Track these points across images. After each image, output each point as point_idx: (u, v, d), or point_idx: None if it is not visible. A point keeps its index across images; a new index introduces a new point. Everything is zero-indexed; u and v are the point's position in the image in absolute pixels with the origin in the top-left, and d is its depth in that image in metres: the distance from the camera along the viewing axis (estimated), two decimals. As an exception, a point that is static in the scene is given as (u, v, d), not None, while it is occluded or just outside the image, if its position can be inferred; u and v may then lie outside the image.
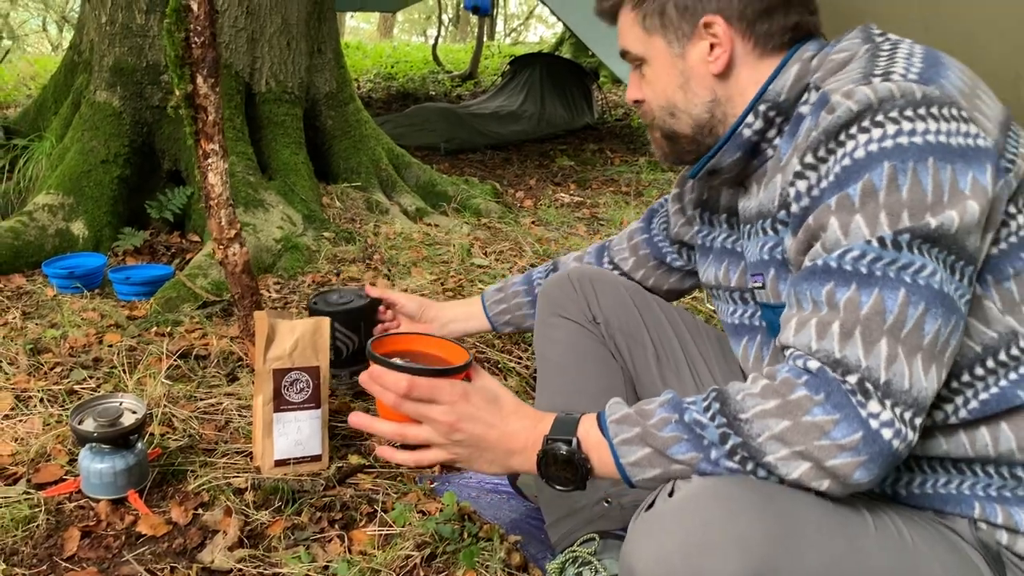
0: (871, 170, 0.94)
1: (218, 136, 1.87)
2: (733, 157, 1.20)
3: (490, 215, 4.49)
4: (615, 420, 1.03)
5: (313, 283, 3.17)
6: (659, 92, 1.23)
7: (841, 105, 0.97)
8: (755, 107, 1.15)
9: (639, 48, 1.22)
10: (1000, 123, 1.00)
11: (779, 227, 1.15)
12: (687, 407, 0.99)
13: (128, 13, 3.67)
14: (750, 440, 0.93)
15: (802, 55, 1.14)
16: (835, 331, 0.92)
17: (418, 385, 1.08)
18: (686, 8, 1.16)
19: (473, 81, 11.72)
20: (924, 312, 0.91)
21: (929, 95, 0.95)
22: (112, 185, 3.48)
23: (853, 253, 0.93)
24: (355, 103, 4.48)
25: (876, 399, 0.89)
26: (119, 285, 2.95)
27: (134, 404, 1.76)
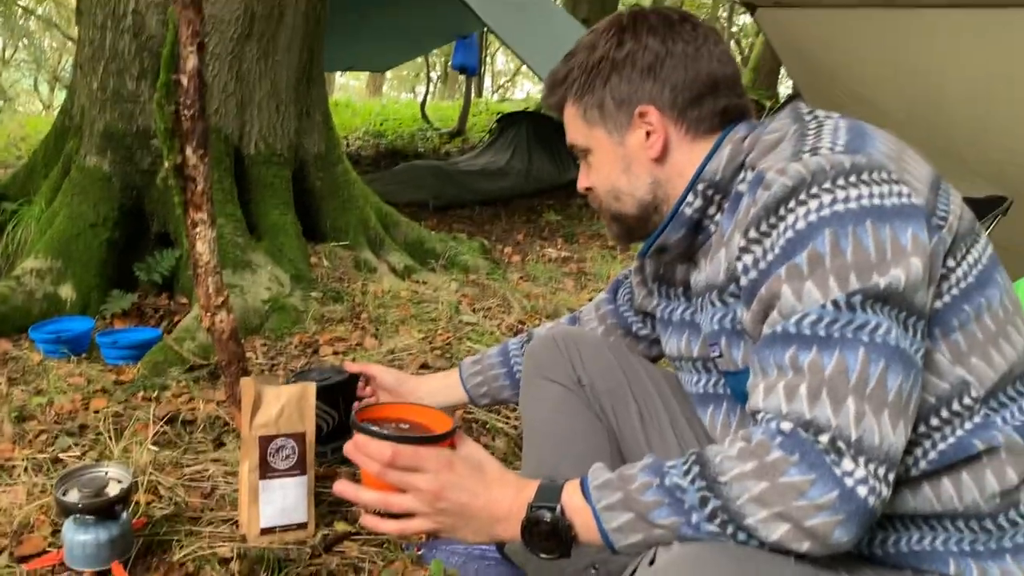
0: (814, 239, 0.99)
1: (207, 205, 1.90)
2: (678, 234, 1.27)
3: (478, 271, 4.52)
4: (597, 485, 1.04)
5: (300, 343, 3.18)
6: (604, 178, 1.31)
7: (776, 181, 1.03)
8: (694, 187, 1.23)
9: (583, 140, 1.32)
10: (930, 183, 1.06)
11: (728, 299, 1.20)
12: (667, 471, 1.00)
13: (119, 79, 3.72)
14: (729, 503, 0.94)
15: (734, 136, 1.22)
16: (803, 393, 0.95)
17: (402, 453, 1.09)
18: (622, 100, 1.25)
19: (461, 138, 11.86)
20: (885, 369, 0.94)
21: (857, 163, 1.01)
22: (101, 249, 3.50)
23: (810, 317, 0.97)
24: (343, 164, 4.54)
25: (849, 457, 0.91)
26: (106, 349, 2.95)
27: (120, 473, 1.75)
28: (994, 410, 1.06)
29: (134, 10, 3.69)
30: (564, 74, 1.32)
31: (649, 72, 1.24)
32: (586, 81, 1.28)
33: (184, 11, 1.82)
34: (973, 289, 1.06)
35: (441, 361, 3.03)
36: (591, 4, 12.18)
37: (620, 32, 1.27)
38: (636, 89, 1.25)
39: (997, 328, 1.07)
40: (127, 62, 3.72)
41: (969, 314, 1.05)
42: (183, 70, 1.83)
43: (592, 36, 1.30)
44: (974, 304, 1.06)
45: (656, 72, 1.24)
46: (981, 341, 1.06)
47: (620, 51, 1.25)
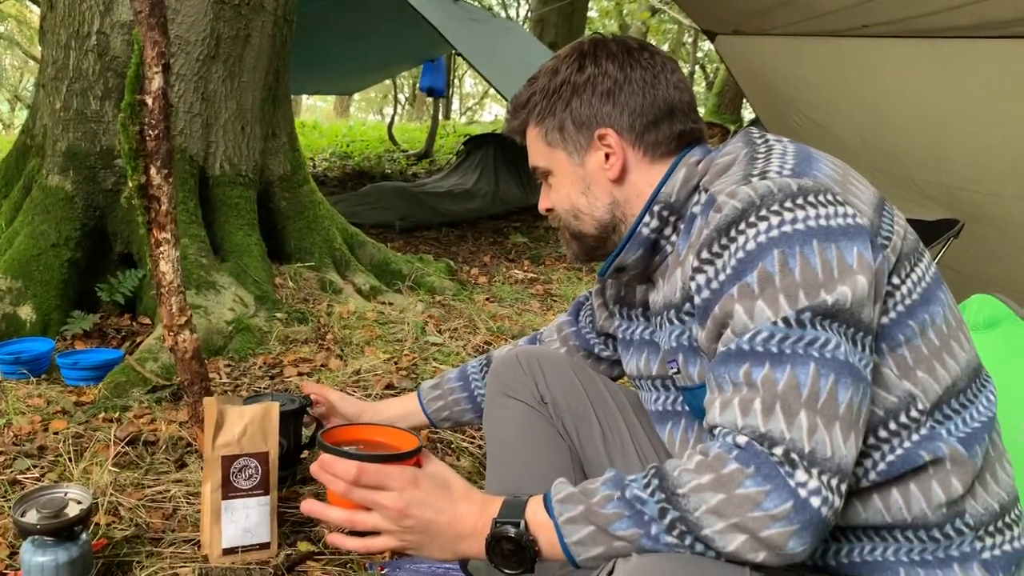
0: (763, 259, 1.03)
1: (171, 225, 1.91)
2: (636, 254, 1.31)
3: (444, 293, 4.54)
4: (560, 499, 1.06)
5: (264, 364, 3.17)
6: (564, 198, 1.36)
7: (727, 204, 1.07)
8: (650, 207, 1.28)
9: (544, 162, 1.36)
10: (874, 205, 1.11)
11: (684, 317, 1.24)
12: (628, 483, 1.02)
13: (83, 99, 3.71)
14: (688, 514, 0.96)
15: (688, 160, 1.28)
16: (757, 408, 0.97)
17: (367, 472, 1.10)
18: (582, 123, 1.30)
19: (429, 160, 11.90)
20: (835, 383, 0.97)
21: (804, 186, 1.06)
22: (62, 269, 3.47)
23: (762, 335, 1.00)
24: (309, 185, 4.54)
25: (802, 468, 0.93)
26: (67, 370, 2.91)
27: (79, 494, 1.74)
28: (939, 422, 1.10)
29: (99, 30, 3.69)
30: (527, 98, 1.35)
31: (608, 96, 1.29)
32: (548, 104, 1.32)
33: (149, 32, 1.83)
34: (918, 305, 1.10)
35: (406, 382, 3.04)
36: (558, 28, 12.34)
37: (581, 58, 1.31)
38: (596, 112, 1.29)
39: (941, 343, 1.11)
40: (91, 82, 3.71)
41: (914, 329, 1.09)
42: (148, 91, 1.84)
43: (554, 62, 1.35)
44: (919, 320, 1.10)
45: (615, 97, 1.28)
46: (926, 355, 1.10)
47: (581, 75, 1.30)
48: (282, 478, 2.06)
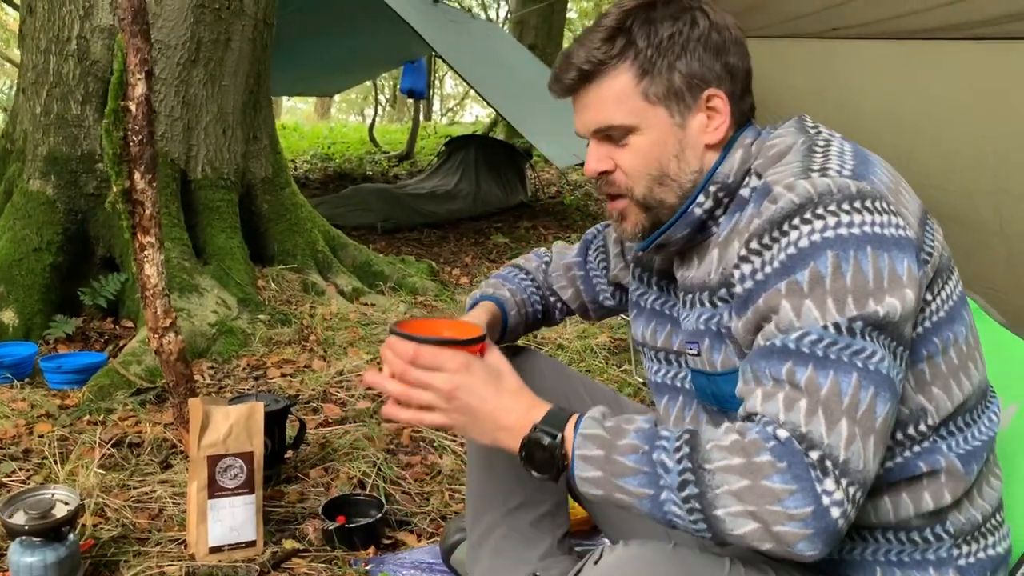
0: (816, 259, 1.00)
1: (155, 229, 1.93)
2: (683, 233, 1.24)
3: (426, 293, 4.57)
4: (585, 434, 1.05)
5: (248, 366, 3.19)
6: (651, 161, 1.21)
7: (783, 196, 1.04)
8: (705, 187, 1.20)
9: (631, 118, 1.20)
10: (919, 218, 1.09)
11: (718, 302, 1.20)
12: (658, 443, 1.01)
13: (63, 104, 3.72)
14: (707, 490, 0.95)
15: (743, 140, 1.21)
16: (802, 406, 0.96)
17: (423, 353, 1.14)
18: (692, 80, 1.18)
19: (410, 161, 11.90)
20: (874, 395, 0.96)
21: (862, 190, 1.03)
22: (44, 273, 3.48)
23: (810, 336, 0.98)
24: (291, 187, 4.56)
25: (833, 477, 0.92)
26: (50, 374, 2.93)
27: (66, 495, 1.76)
28: (942, 437, 1.11)
29: (79, 35, 3.70)
30: (621, 46, 1.19)
31: (718, 55, 1.19)
32: (654, 55, 1.17)
33: (132, 39, 1.86)
34: (944, 323, 1.10)
35: (389, 381, 3.06)
36: (537, 30, 12.38)
37: (687, 9, 1.19)
38: (707, 70, 1.18)
39: (960, 362, 1.11)
40: (71, 86, 3.72)
41: (937, 346, 1.09)
42: (131, 97, 1.87)
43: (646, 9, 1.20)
44: (943, 337, 1.09)
45: (723, 56, 1.19)
46: (944, 373, 1.10)
47: (694, 29, 1.18)
48: (267, 477, 2.09)
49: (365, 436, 2.52)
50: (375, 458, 2.34)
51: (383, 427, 2.62)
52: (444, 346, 1.17)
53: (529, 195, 9.03)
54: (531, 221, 7.84)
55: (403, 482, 2.28)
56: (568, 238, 6.96)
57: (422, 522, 2.08)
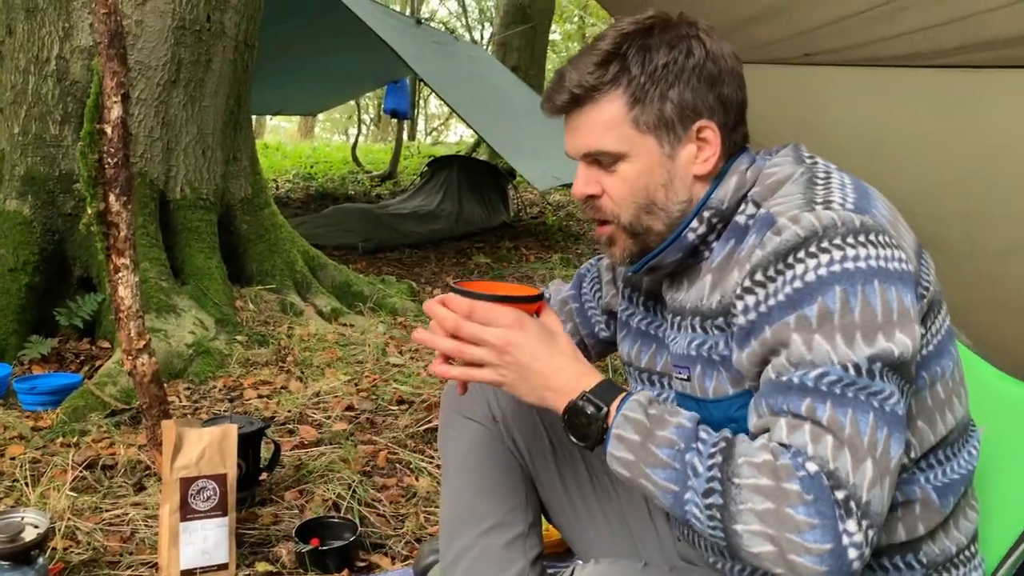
0: (823, 294, 1.00)
1: (129, 251, 1.93)
2: (675, 257, 1.24)
3: (406, 313, 4.57)
4: (627, 416, 1.07)
5: (224, 387, 3.18)
6: (638, 189, 1.21)
7: (788, 229, 1.04)
8: (699, 213, 1.20)
9: (620, 146, 1.19)
10: (915, 251, 1.10)
11: (712, 329, 1.19)
12: (695, 445, 1.02)
13: (42, 124, 3.71)
14: (731, 503, 0.96)
15: (739, 167, 1.20)
16: (829, 442, 0.96)
17: (478, 308, 1.14)
18: (683, 111, 1.17)
19: (392, 181, 11.93)
20: (888, 436, 0.97)
21: (866, 223, 1.03)
22: (20, 293, 3.46)
23: (829, 377, 0.98)
24: (270, 208, 4.57)
25: (855, 519, 0.93)
26: (24, 395, 2.91)
27: (36, 518, 1.75)
28: (921, 470, 1.12)
29: (58, 55, 3.70)
30: (614, 72, 1.17)
31: (712, 86, 1.17)
32: (647, 84, 1.16)
33: (108, 63, 1.87)
34: (932, 357, 1.10)
35: (367, 403, 3.07)
36: (520, 52, 12.48)
37: (684, 37, 1.18)
38: (700, 101, 1.17)
39: (945, 396, 1.12)
40: (50, 106, 3.72)
41: (926, 380, 1.09)
42: (107, 120, 1.87)
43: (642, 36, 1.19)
44: (931, 371, 1.10)
45: (718, 87, 1.18)
46: (929, 407, 1.11)
47: (689, 59, 1.16)
48: (241, 499, 2.08)
49: (341, 458, 2.52)
50: (350, 480, 2.34)
51: (359, 449, 2.61)
52: (500, 303, 1.17)
53: (511, 215, 9.07)
54: (513, 241, 7.87)
55: (378, 504, 2.27)
56: (550, 259, 6.99)
57: (396, 545, 2.08)
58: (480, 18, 23.52)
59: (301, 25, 7.38)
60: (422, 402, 3.09)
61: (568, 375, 1.13)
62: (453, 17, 23.78)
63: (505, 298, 1.20)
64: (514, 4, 12.50)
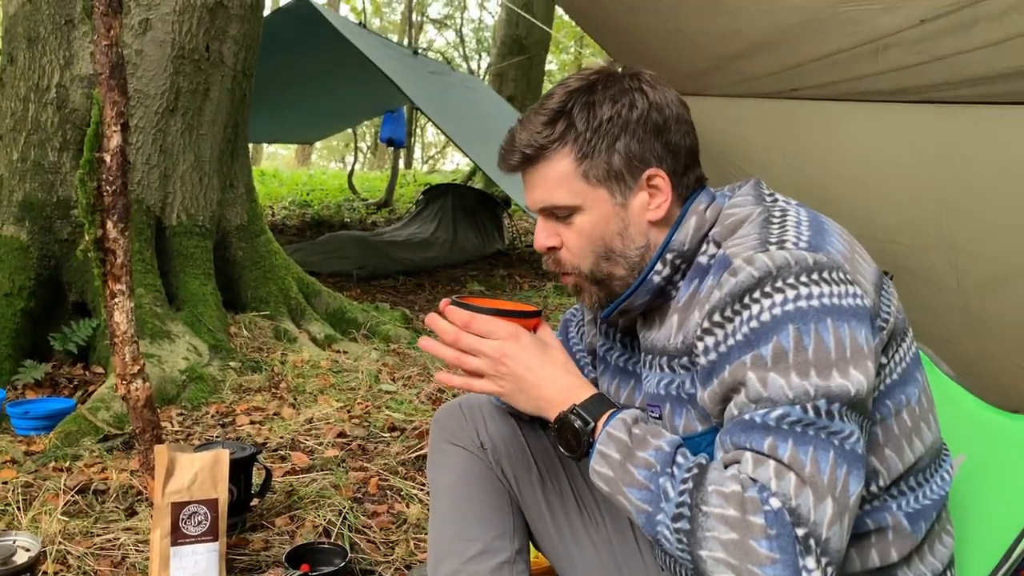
0: (778, 333, 1.03)
1: (125, 277, 1.96)
2: (643, 299, 1.27)
3: (399, 341, 4.59)
4: (611, 434, 1.11)
5: (217, 413, 3.20)
6: (595, 239, 1.25)
7: (743, 270, 1.07)
8: (663, 255, 1.23)
9: (573, 199, 1.24)
10: (875, 284, 1.12)
11: (678, 368, 1.23)
12: (669, 471, 1.05)
13: (40, 150, 3.75)
14: (697, 530, 0.99)
15: (697, 207, 1.24)
16: (791, 479, 0.98)
17: (477, 320, 1.21)
18: (631, 161, 1.21)
19: (388, 209, 12.00)
20: (847, 474, 0.99)
21: (819, 261, 1.06)
22: (15, 318, 3.47)
23: (790, 417, 1.00)
24: (266, 235, 4.60)
25: (814, 556, 0.95)
26: (17, 420, 2.92)
27: (28, 542, 1.76)
28: (893, 497, 1.14)
29: (58, 83, 3.75)
30: (561, 129, 1.22)
31: (658, 135, 1.21)
32: (593, 138, 1.21)
33: (109, 92, 1.91)
34: (896, 386, 1.13)
35: (359, 430, 3.08)
36: (516, 82, 12.62)
37: (626, 91, 1.22)
38: (647, 151, 1.21)
39: (912, 424, 1.15)
40: (49, 134, 3.76)
41: (890, 408, 1.12)
42: (106, 148, 1.91)
43: (586, 92, 1.23)
44: (896, 400, 1.12)
45: (664, 135, 1.21)
46: (896, 435, 1.13)
47: (632, 112, 1.20)
48: (232, 525, 2.09)
49: (332, 484, 2.53)
50: (341, 506, 2.35)
51: (350, 476, 2.63)
52: (498, 316, 1.23)
53: (506, 243, 9.13)
54: (507, 269, 7.91)
55: (368, 531, 2.28)
56: (543, 287, 7.03)
57: (386, 571, 2.09)
58: (477, 48, 23.77)
59: (299, 55, 7.47)
60: (414, 429, 3.11)
61: (560, 387, 1.18)
62: (450, 47, 24.02)
63: (504, 312, 1.25)
64: (510, 35, 12.67)
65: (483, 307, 1.24)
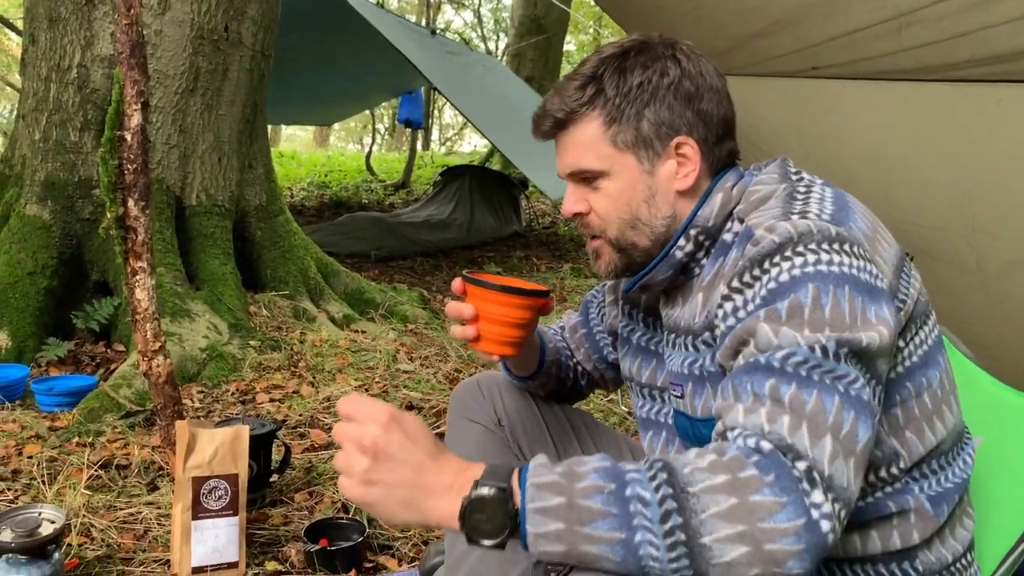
0: (796, 290, 1.01)
1: (146, 255, 1.98)
2: (665, 275, 1.27)
3: (417, 321, 4.61)
4: (538, 483, 0.92)
5: (237, 391, 3.23)
6: (621, 205, 1.25)
7: (765, 238, 1.06)
8: (686, 231, 1.23)
9: (601, 164, 1.24)
10: (895, 266, 1.11)
11: (700, 346, 1.22)
12: (630, 479, 0.91)
13: (62, 130, 3.78)
14: (693, 516, 0.87)
15: (724, 184, 1.23)
16: (785, 420, 0.93)
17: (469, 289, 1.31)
18: (660, 128, 1.21)
19: (406, 190, 12.01)
20: (855, 419, 0.94)
21: (841, 234, 1.05)
22: (38, 296, 3.52)
23: (795, 357, 0.97)
24: (284, 215, 4.63)
25: (820, 490, 0.89)
26: (41, 396, 2.96)
27: (53, 514, 1.80)
28: (915, 479, 1.13)
29: (79, 64, 3.78)
30: (591, 94, 1.23)
31: (689, 103, 1.21)
32: (623, 103, 1.21)
33: (129, 72, 1.92)
34: (917, 368, 1.11)
35: (376, 408, 3.10)
36: (534, 63, 12.56)
37: (659, 58, 1.22)
38: (677, 118, 1.21)
39: (934, 406, 1.13)
40: (71, 113, 3.79)
41: (910, 391, 1.11)
42: (128, 127, 1.93)
43: (619, 59, 1.24)
44: (916, 382, 1.11)
45: (695, 103, 1.21)
46: (917, 417, 1.12)
47: (663, 78, 1.21)
48: (252, 500, 2.12)
49: (350, 461, 2.55)
50: (359, 483, 2.37)
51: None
52: (508, 294, 1.24)
53: (523, 225, 9.12)
54: (524, 251, 7.91)
55: (386, 507, 2.30)
56: (561, 268, 7.03)
57: (404, 546, 2.11)
58: (495, 29, 23.66)
59: (318, 35, 7.46)
60: (431, 408, 3.13)
61: (450, 472, 0.96)
62: (468, 28, 23.92)
63: (512, 289, 1.26)
64: (528, 15, 12.59)
65: (492, 283, 1.25)
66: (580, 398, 1.77)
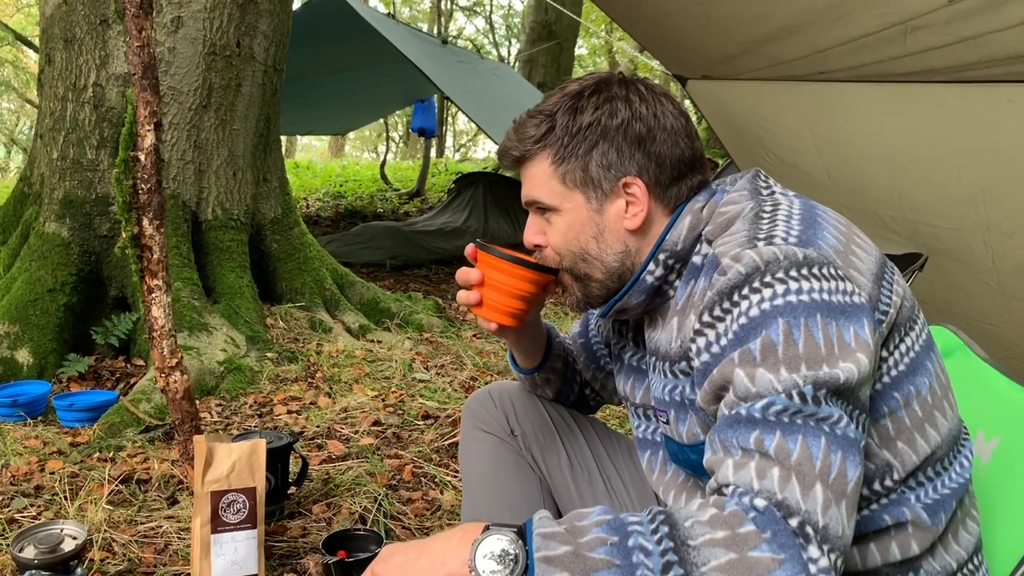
0: (767, 327, 1.01)
1: (162, 272, 2.01)
2: (639, 299, 1.28)
3: (432, 330, 4.63)
4: (543, 534, 0.97)
5: (255, 403, 3.26)
6: (570, 240, 1.29)
7: (731, 268, 1.06)
8: (655, 256, 1.24)
9: (551, 199, 1.28)
10: (874, 274, 1.10)
11: (678, 373, 1.23)
12: (632, 531, 0.95)
13: (79, 149, 3.84)
14: (694, 569, 0.90)
15: (693, 206, 1.24)
16: (775, 474, 0.93)
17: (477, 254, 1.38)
18: (608, 168, 1.23)
19: (420, 199, 12.05)
20: (843, 459, 0.94)
21: (809, 256, 1.04)
22: (58, 313, 3.57)
23: (775, 406, 0.97)
24: (300, 227, 4.66)
25: (815, 544, 0.90)
26: (62, 412, 3.00)
27: (75, 530, 1.82)
28: (910, 488, 1.12)
29: (95, 83, 3.83)
30: (542, 132, 1.26)
31: (639, 144, 1.23)
32: (571, 143, 1.24)
33: (142, 93, 1.96)
34: (904, 377, 1.11)
35: (393, 418, 3.13)
36: (546, 69, 12.58)
37: (611, 99, 1.24)
38: (625, 159, 1.23)
39: (924, 414, 1.12)
40: (87, 132, 3.84)
41: (899, 401, 1.10)
42: (141, 147, 1.96)
43: (573, 98, 1.26)
44: (904, 391, 1.10)
45: (646, 145, 1.23)
46: (908, 427, 1.11)
47: (612, 119, 1.23)
48: (270, 512, 2.15)
49: (367, 472, 2.57)
50: (376, 494, 2.40)
51: (385, 463, 2.67)
52: (519, 266, 1.30)
53: (537, 231, 9.12)
54: (539, 257, 7.92)
55: (404, 517, 2.32)
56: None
57: (421, 556, 2.12)
58: (507, 35, 23.71)
59: (329, 47, 7.52)
60: (447, 417, 3.14)
61: (454, 538, 1.04)
62: (480, 35, 24.00)
63: (522, 261, 1.31)
64: (540, 21, 12.63)
65: (505, 253, 1.32)
66: (588, 411, 1.79)
